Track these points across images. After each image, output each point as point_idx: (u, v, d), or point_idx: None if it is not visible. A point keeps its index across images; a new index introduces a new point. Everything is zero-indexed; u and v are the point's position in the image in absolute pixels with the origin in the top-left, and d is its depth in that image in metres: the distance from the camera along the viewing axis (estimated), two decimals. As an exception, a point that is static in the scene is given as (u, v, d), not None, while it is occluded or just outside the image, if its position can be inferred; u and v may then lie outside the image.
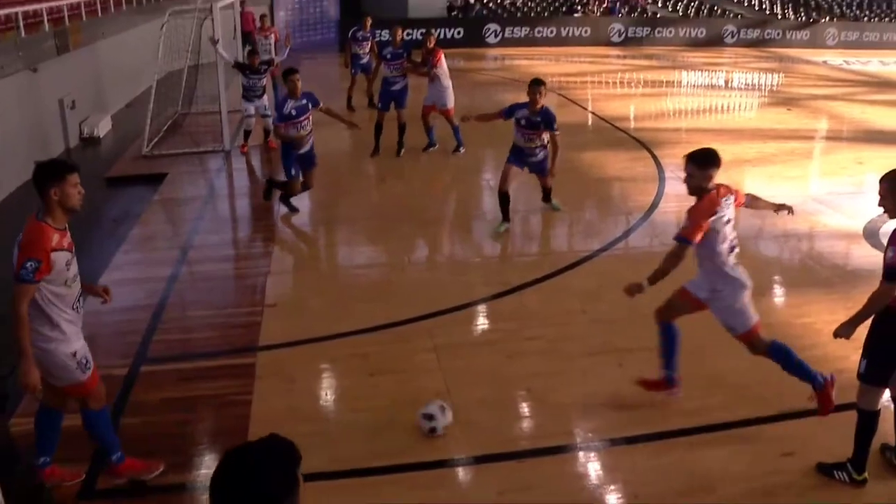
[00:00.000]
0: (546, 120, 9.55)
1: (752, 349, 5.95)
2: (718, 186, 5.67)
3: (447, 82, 13.43)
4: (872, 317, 5.04)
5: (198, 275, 8.99)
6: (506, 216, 10.02)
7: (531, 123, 9.58)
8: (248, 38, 19.51)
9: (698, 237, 5.51)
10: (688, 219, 5.57)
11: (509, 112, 9.74)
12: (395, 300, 8.03)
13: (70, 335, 4.76)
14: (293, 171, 10.42)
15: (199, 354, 6.98)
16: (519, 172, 10.06)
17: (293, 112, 9.99)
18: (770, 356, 5.90)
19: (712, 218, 5.50)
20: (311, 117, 10.24)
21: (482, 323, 7.86)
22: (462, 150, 13.71)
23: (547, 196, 10.65)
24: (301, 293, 8.41)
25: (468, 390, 6.35)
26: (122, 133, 15.90)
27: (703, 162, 5.61)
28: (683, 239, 5.54)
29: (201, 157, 13.70)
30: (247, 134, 13.96)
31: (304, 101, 10.11)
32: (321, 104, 10.40)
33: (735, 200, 5.78)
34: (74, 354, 4.77)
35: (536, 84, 9.55)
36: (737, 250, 5.79)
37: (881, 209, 5.06)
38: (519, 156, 9.93)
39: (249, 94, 13.78)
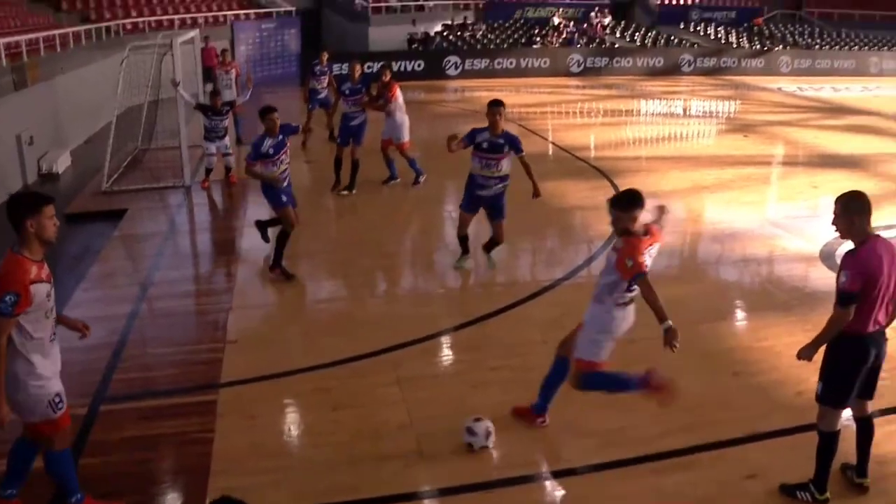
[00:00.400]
0: (510, 142, 8.97)
1: (573, 379, 5.97)
2: (650, 230, 5.76)
3: (403, 116, 13.45)
4: (820, 331, 5.12)
5: (158, 311, 8.90)
6: (465, 250, 9.78)
7: (494, 146, 8.93)
8: (209, 73, 19.53)
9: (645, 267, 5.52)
10: (629, 257, 5.49)
11: (470, 138, 9.05)
12: (358, 333, 7.99)
13: (46, 371, 4.71)
14: (284, 199, 9.58)
15: (159, 392, 6.89)
16: (473, 216, 9.53)
17: (270, 150, 9.36)
18: (586, 388, 5.96)
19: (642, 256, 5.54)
20: (288, 151, 9.64)
21: (445, 354, 7.85)
22: (422, 179, 13.72)
23: (492, 245, 9.68)
24: (263, 329, 8.35)
25: (432, 422, 6.33)
26: (81, 169, 15.77)
27: (627, 205, 5.62)
28: (641, 273, 5.48)
29: (161, 193, 13.60)
30: (208, 171, 13.90)
31: (281, 137, 9.53)
32: (299, 127, 10.37)
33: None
34: (49, 391, 4.71)
35: (495, 105, 9.00)
36: (633, 294, 5.75)
37: (834, 229, 5.13)
38: (473, 193, 9.26)
39: (211, 134, 13.74)
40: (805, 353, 5.22)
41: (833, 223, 5.10)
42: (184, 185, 13.80)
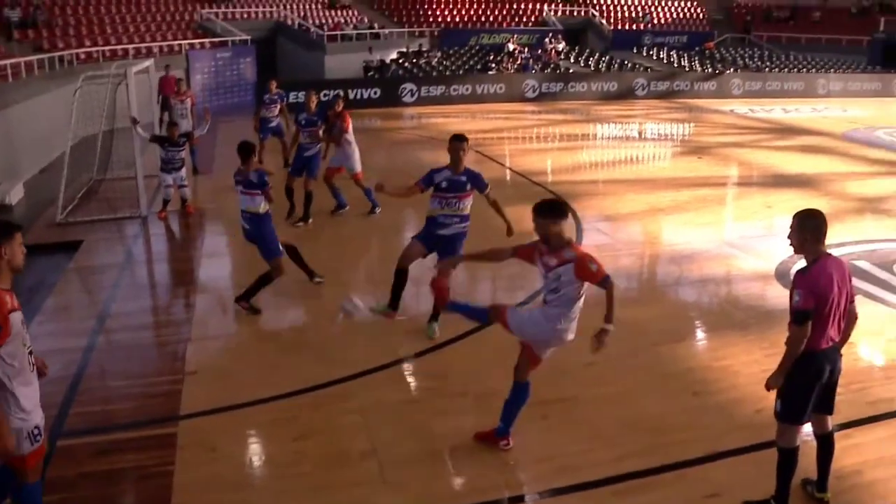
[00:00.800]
0: (474, 180, 8.31)
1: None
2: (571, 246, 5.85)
3: (354, 146, 13.31)
4: (783, 356, 5.18)
5: (116, 344, 8.77)
6: (396, 301, 8.69)
7: (455, 185, 8.23)
8: (167, 101, 19.42)
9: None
10: (590, 262, 5.65)
11: (427, 180, 8.29)
12: (319, 362, 7.94)
13: (29, 403, 4.61)
14: (282, 248, 9.40)
15: (118, 426, 6.78)
16: (422, 253, 8.66)
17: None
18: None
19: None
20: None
21: (406, 381, 7.83)
22: (378, 210, 13.59)
23: (436, 316, 8.66)
24: (222, 359, 8.25)
25: (395, 450, 6.30)
26: (34, 200, 15.54)
27: (553, 214, 5.91)
28: (607, 275, 5.64)
29: (118, 224, 13.44)
30: (165, 202, 13.76)
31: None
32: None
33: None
34: (30, 424, 4.61)
35: (458, 140, 8.26)
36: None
37: (789, 243, 5.26)
38: (429, 231, 8.48)
39: (167, 165, 13.62)
40: (773, 381, 5.26)
41: (788, 237, 5.21)
42: (140, 215, 13.65)
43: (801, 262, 5.26)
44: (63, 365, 7.92)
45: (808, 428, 5.46)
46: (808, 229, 5.11)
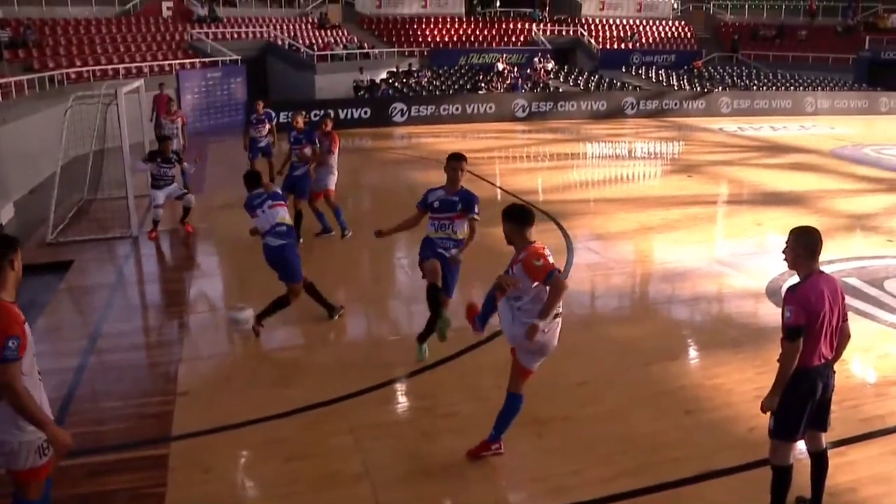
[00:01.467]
0: (465, 201, 7.94)
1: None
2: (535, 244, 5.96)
3: (334, 168, 13.16)
4: (776, 374, 5.19)
5: (107, 364, 8.71)
6: (438, 312, 7.93)
7: (446, 204, 7.94)
8: (160, 119, 19.48)
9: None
10: (535, 258, 5.77)
11: (423, 200, 8.12)
12: (311, 383, 7.92)
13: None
14: (303, 272, 9.24)
15: (109, 447, 6.73)
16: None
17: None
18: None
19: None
20: None
21: (398, 402, 7.81)
22: (348, 234, 13.34)
23: (426, 335, 8.36)
24: (214, 380, 8.21)
25: (388, 471, 6.28)
26: (25, 220, 15.48)
27: (519, 220, 5.96)
28: (553, 270, 5.77)
29: (109, 244, 13.40)
30: (155, 223, 13.71)
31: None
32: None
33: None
34: (41, 436, 4.61)
35: (456, 159, 8.05)
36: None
37: (784, 258, 5.31)
38: (432, 250, 8.02)
39: (159, 182, 13.61)
40: (768, 403, 5.26)
41: (784, 252, 5.24)
42: (131, 235, 13.62)
43: (794, 279, 5.29)
44: (54, 386, 7.84)
45: (801, 445, 5.47)
46: (802, 246, 5.16)
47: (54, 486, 6.06)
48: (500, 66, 35.40)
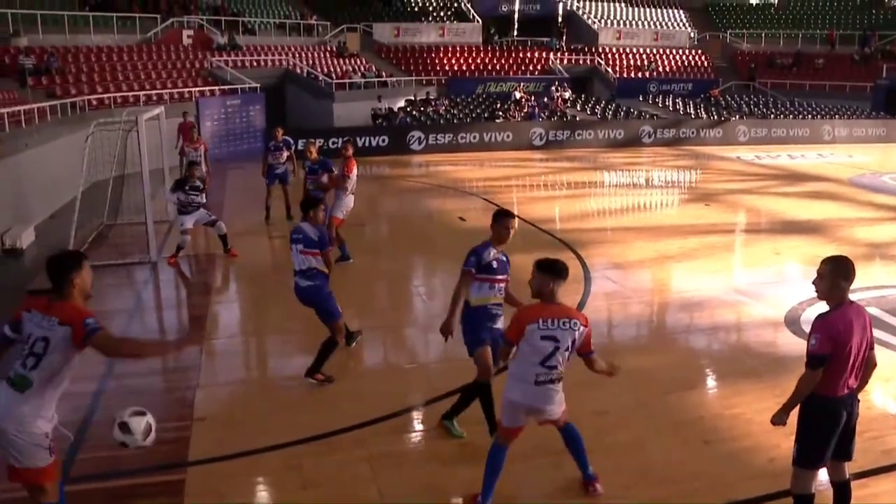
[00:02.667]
0: (508, 259, 7.18)
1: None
2: (565, 308, 5.82)
3: (350, 195, 13.16)
4: (791, 395, 5.17)
5: (124, 389, 8.73)
6: (493, 422, 6.99)
7: (503, 266, 7.05)
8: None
9: (513, 336, 5.75)
10: (513, 319, 5.85)
11: (476, 261, 6.92)
12: (327, 410, 7.91)
13: (49, 412, 4.91)
14: (340, 308, 8.82)
15: (126, 472, 6.74)
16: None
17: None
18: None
19: (530, 325, 5.65)
20: None
21: (415, 430, 7.78)
22: (350, 260, 13.24)
23: (453, 413, 7.44)
24: (231, 406, 8.22)
25: (404, 500, 6.25)
26: (45, 244, 15.59)
27: (549, 271, 5.85)
28: (507, 340, 5.86)
29: (128, 269, 13.48)
30: (179, 248, 13.78)
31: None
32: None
33: (582, 336, 5.78)
34: (47, 435, 4.84)
35: (507, 217, 7.08)
36: (554, 374, 5.76)
37: (814, 288, 5.25)
38: (483, 324, 7.06)
39: (188, 208, 13.74)
40: (778, 418, 5.30)
41: (814, 283, 5.20)
42: (150, 260, 13.70)
43: (814, 308, 5.26)
44: (72, 408, 7.88)
45: (823, 476, 5.41)
46: (840, 275, 5.11)
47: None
48: (518, 95, 35.52)
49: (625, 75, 41.56)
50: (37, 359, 4.82)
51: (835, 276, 5.11)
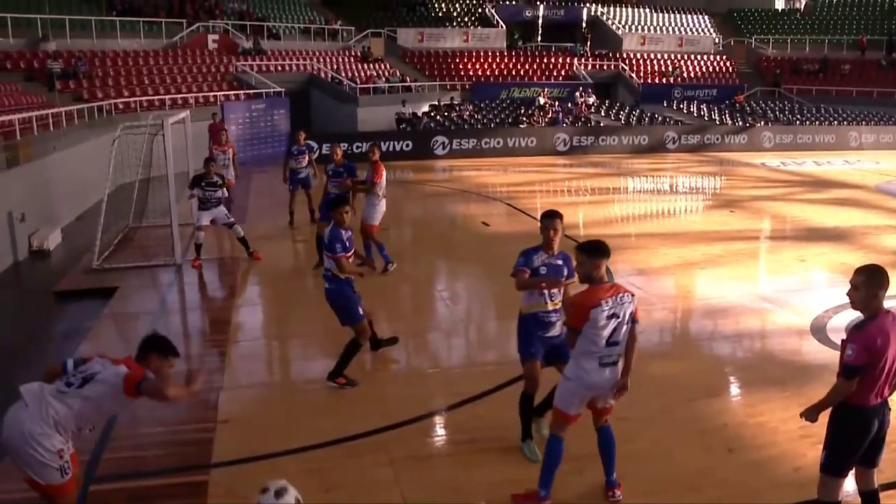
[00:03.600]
0: (567, 263, 6.93)
1: (551, 426, 6.25)
2: (614, 285, 5.92)
3: (381, 199, 13.08)
4: (831, 409, 5.12)
5: (148, 391, 8.78)
6: (528, 430, 7.18)
7: (554, 270, 6.88)
8: None
9: (579, 323, 5.77)
10: (574, 305, 5.89)
11: (525, 262, 6.88)
12: (350, 414, 7.92)
13: (67, 437, 5.06)
14: (361, 312, 8.71)
15: (149, 472, 6.80)
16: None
17: (348, 243, 8.61)
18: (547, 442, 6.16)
19: (595, 309, 5.68)
20: None
21: (438, 435, 7.78)
22: (391, 267, 13.10)
23: (544, 408, 7.21)
24: (254, 408, 8.26)
25: None
26: (72, 246, 15.77)
27: (593, 252, 5.88)
28: (570, 327, 5.88)
29: (153, 271, 13.58)
30: (198, 248, 13.88)
31: (350, 233, 8.76)
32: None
33: (634, 307, 5.91)
34: (61, 454, 4.95)
35: (553, 217, 7.00)
36: (616, 353, 5.86)
37: (849, 299, 5.20)
38: (534, 334, 7.03)
39: (206, 204, 13.87)
40: (808, 415, 5.29)
41: (849, 294, 5.15)
42: (175, 263, 13.79)
43: (841, 316, 5.21)
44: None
45: (852, 485, 5.35)
46: (877, 285, 5.07)
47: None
48: (542, 101, 35.48)
49: (649, 81, 41.42)
50: (83, 382, 5.08)
51: (871, 286, 5.06)
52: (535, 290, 6.90)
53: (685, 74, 42.91)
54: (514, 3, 46.28)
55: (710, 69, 44.12)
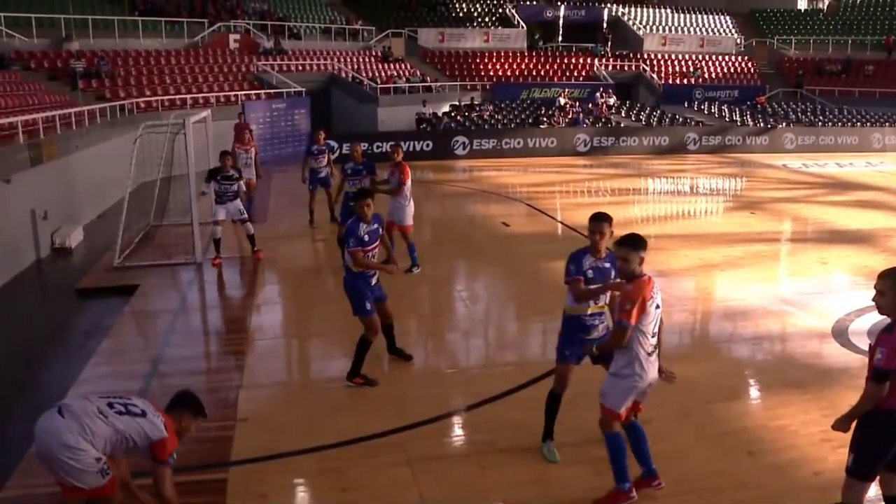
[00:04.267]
0: (615, 266, 6.64)
1: (602, 425, 6.12)
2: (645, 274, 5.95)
3: (410, 199, 13.13)
4: (855, 405, 5.13)
5: (169, 388, 8.75)
6: (550, 431, 7.14)
7: (601, 274, 6.77)
8: None
9: (637, 317, 5.77)
10: (629, 301, 5.79)
11: (577, 269, 6.75)
12: (369, 413, 7.93)
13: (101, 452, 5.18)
14: (369, 306, 8.59)
15: (169, 470, 6.82)
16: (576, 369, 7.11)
17: (366, 237, 8.48)
18: (607, 442, 6.09)
19: (649, 301, 5.78)
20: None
21: (456, 435, 7.77)
22: (416, 269, 13.18)
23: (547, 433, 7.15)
24: (273, 407, 8.28)
25: (445, 504, 6.25)
26: (93, 244, 15.89)
27: (636, 244, 5.90)
28: (624, 322, 5.78)
29: (173, 270, 13.66)
30: (217, 243, 13.94)
31: (376, 226, 8.62)
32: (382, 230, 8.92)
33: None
34: (99, 459, 5.10)
35: (601, 220, 6.88)
36: (655, 342, 5.99)
37: (875, 305, 5.13)
38: (576, 337, 6.91)
39: (222, 197, 13.92)
40: (839, 426, 5.25)
41: (875, 300, 5.10)
42: (195, 261, 13.87)
43: (863, 320, 5.17)
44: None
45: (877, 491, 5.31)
46: None
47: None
48: (562, 101, 35.40)
49: (670, 82, 41.26)
50: (125, 412, 5.23)
51: None
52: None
53: (706, 75, 42.71)
54: (534, 3, 46.25)
55: (732, 70, 43.89)
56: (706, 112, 37.41)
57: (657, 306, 5.91)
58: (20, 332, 11.47)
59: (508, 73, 40.06)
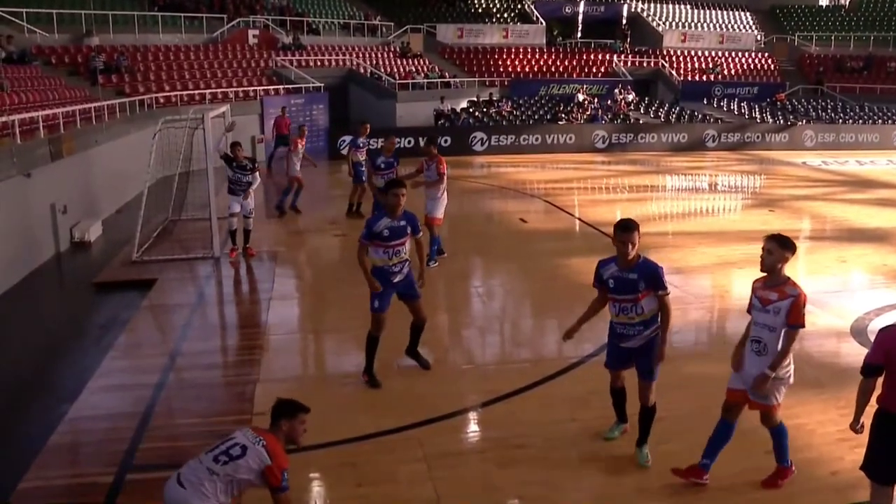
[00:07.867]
0: (648, 276, 6.61)
1: (768, 422, 6.43)
2: None
3: (444, 192, 13.18)
4: (873, 413, 5.15)
5: (186, 382, 8.90)
6: (622, 416, 7.32)
7: (623, 284, 6.62)
8: (282, 140, 22.99)
9: None
10: (799, 306, 6.13)
11: (599, 278, 6.82)
12: (384, 409, 7.95)
13: None
14: (376, 303, 8.48)
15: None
16: (623, 373, 7.11)
17: (385, 232, 8.20)
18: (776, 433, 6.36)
19: None
20: (406, 244, 8.48)
21: (471, 431, 7.78)
22: (433, 264, 13.03)
23: (643, 438, 7.00)
24: (289, 401, 8.30)
25: (460, 500, 6.25)
26: (112, 238, 15.98)
27: (789, 244, 6.09)
28: (802, 325, 6.20)
29: (191, 264, 13.72)
30: (233, 235, 14.01)
31: (403, 224, 8.30)
32: (419, 233, 8.66)
33: None
34: None
35: (625, 230, 6.65)
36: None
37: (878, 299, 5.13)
38: (614, 345, 6.91)
39: (235, 187, 13.89)
40: (853, 425, 5.35)
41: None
42: (213, 256, 13.92)
43: (882, 319, 5.15)
44: (134, 401, 8.11)
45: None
46: None
47: (129, 499, 6.23)
48: (581, 97, 35.27)
49: (689, 78, 40.99)
50: (228, 458, 5.21)
51: None
52: (610, 304, 6.77)
53: (726, 72, 42.41)
54: (553, -1, 46.11)
55: (752, 66, 43.57)
56: (725, 109, 37.16)
57: None
58: (39, 325, 11.56)
59: (527, 69, 39.94)
